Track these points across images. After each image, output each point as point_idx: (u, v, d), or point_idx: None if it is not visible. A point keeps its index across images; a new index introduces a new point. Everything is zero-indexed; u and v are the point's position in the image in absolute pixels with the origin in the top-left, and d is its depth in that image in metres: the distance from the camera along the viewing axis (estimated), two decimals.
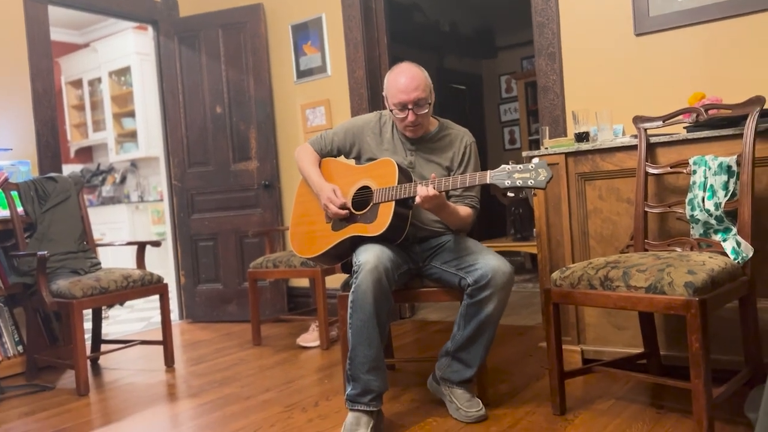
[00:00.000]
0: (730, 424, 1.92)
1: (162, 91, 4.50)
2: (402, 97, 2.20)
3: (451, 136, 2.37)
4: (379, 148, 2.37)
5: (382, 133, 2.39)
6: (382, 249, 2.08)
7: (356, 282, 2.03)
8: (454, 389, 2.20)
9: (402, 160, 2.30)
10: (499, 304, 2.09)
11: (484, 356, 2.18)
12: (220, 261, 4.37)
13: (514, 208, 5.13)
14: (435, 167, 2.32)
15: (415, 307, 4.19)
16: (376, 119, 2.42)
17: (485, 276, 2.06)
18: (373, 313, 2.01)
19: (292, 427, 2.23)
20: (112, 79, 6.73)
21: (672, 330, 2.38)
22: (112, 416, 2.51)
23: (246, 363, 3.19)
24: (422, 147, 2.35)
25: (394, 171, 2.18)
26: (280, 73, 4.26)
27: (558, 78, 3.00)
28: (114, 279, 2.98)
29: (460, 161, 2.34)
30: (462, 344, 2.16)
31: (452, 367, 2.21)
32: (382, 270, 2.02)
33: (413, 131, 2.28)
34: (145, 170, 6.93)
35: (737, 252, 2.00)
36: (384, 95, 2.32)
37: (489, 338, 2.15)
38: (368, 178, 2.27)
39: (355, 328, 2.03)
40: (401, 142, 2.36)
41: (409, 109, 2.21)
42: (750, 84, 2.47)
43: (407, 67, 2.26)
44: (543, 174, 1.90)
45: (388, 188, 2.16)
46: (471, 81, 7.53)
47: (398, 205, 2.15)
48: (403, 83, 2.20)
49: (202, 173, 4.38)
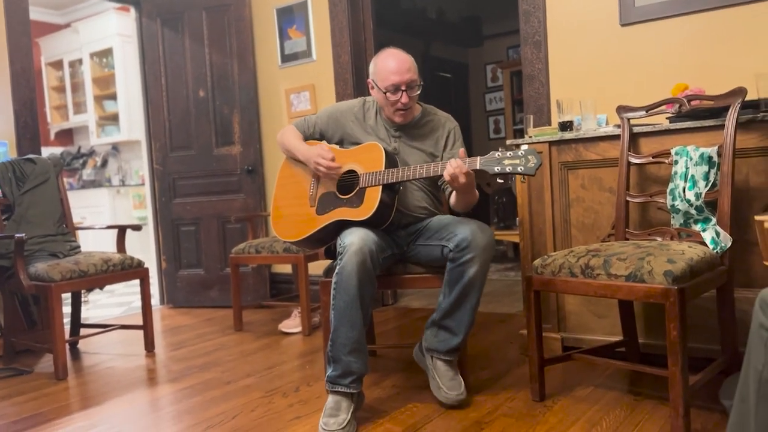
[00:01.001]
0: (706, 411, 1.95)
1: (144, 73, 4.44)
2: (395, 78, 2.20)
3: (434, 122, 2.37)
4: (363, 134, 2.36)
5: (365, 119, 2.38)
6: (368, 232, 2.08)
7: (341, 263, 2.02)
8: (439, 362, 2.19)
9: (386, 146, 2.29)
10: (482, 266, 2.09)
11: (470, 323, 2.16)
12: (202, 246, 4.34)
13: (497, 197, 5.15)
14: (419, 153, 2.32)
15: (397, 294, 4.20)
16: (360, 105, 2.41)
17: (465, 239, 2.07)
18: (356, 294, 2.00)
19: (272, 411, 2.22)
20: (93, 60, 6.62)
21: (650, 319, 2.41)
22: (91, 400, 2.49)
23: (227, 348, 3.18)
24: (406, 133, 2.35)
25: (381, 156, 2.17)
26: (264, 57, 4.22)
27: (543, 67, 2.99)
28: (93, 263, 2.95)
29: (445, 145, 2.34)
30: (447, 310, 2.16)
31: (439, 336, 2.21)
32: (367, 252, 2.01)
33: (404, 115, 2.27)
34: (127, 154, 6.85)
35: (716, 242, 2.02)
36: (370, 80, 2.31)
37: (474, 303, 2.14)
38: (354, 162, 2.26)
39: (338, 310, 2.03)
40: (385, 128, 2.35)
41: (403, 90, 2.21)
42: (732, 75, 2.49)
43: (395, 50, 2.27)
44: (533, 161, 1.90)
45: (377, 173, 2.15)
46: (457, 69, 7.52)
47: (385, 190, 2.15)
48: (395, 65, 2.21)
49: (185, 157, 4.34)
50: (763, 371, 0.98)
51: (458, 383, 2.17)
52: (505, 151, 1.95)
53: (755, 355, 1.01)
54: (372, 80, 2.31)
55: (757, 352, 1.00)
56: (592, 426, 1.91)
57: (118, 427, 2.18)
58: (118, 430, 2.16)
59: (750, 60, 2.51)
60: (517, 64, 6.07)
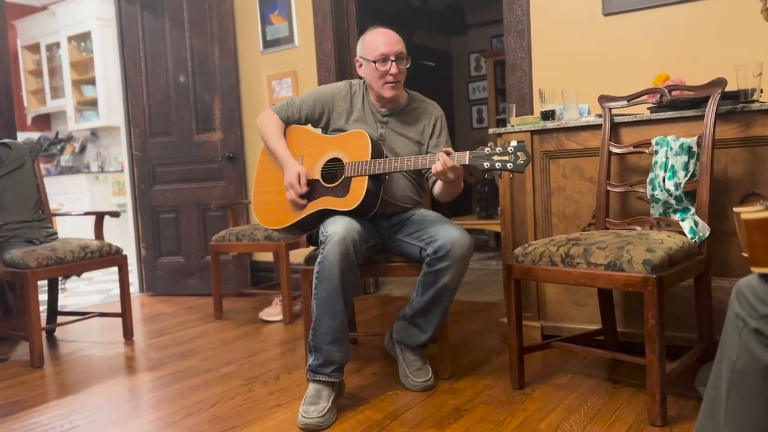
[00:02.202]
0: (682, 398, 1.97)
1: (123, 58, 4.37)
2: (385, 48, 2.21)
3: (420, 109, 2.37)
4: (349, 119, 2.34)
5: (352, 103, 2.36)
6: (351, 222, 2.07)
7: (323, 253, 2.01)
8: (407, 353, 2.24)
9: (372, 132, 2.28)
10: (456, 275, 2.11)
11: (440, 323, 2.21)
12: (182, 234, 4.30)
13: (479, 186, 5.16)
14: (406, 141, 2.31)
15: (379, 282, 4.20)
16: (347, 88, 2.38)
17: (444, 247, 2.07)
18: (339, 284, 2.00)
19: (252, 399, 2.22)
20: (71, 44, 6.50)
21: (629, 307, 2.43)
22: (68, 388, 2.46)
23: (207, 336, 3.15)
24: (393, 119, 2.34)
25: (367, 144, 2.16)
26: (245, 42, 4.17)
27: (526, 56, 2.99)
28: (71, 249, 2.90)
29: (431, 133, 2.34)
30: (419, 310, 2.19)
31: (408, 331, 2.24)
32: (350, 242, 2.00)
33: (394, 87, 2.25)
34: (106, 140, 6.75)
35: (695, 231, 2.04)
36: (358, 58, 2.29)
37: (445, 307, 2.17)
38: (339, 149, 2.24)
39: (320, 299, 2.02)
40: (372, 113, 2.34)
41: (392, 60, 2.21)
42: (713, 66, 2.50)
43: (383, 28, 2.29)
44: (522, 158, 1.91)
45: (363, 162, 2.13)
46: (440, 58, 7.50)
47: (371, 181, 2.13)
48: (384, 38, 2.23)
49: (164, 144, 4.29)
50: (737, 361, 0.99)
51: (425, 371, 2.20)
52: (495, 147, 1.95)
53: (729, 345, 1.02)
54: (360, 57, 2.29)
55: (731, 342, 1.01)
56: (570, 413, 1.93)
57: (95, 416, 2.16)
58: (95, 418, 2.14)
59: (730, 50, 2.53)
60: (501, 54, 6.06)
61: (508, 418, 1.92)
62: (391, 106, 2.33)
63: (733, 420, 1.00)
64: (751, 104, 2.11)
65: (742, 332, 0.99)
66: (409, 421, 1.95)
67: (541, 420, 1.89)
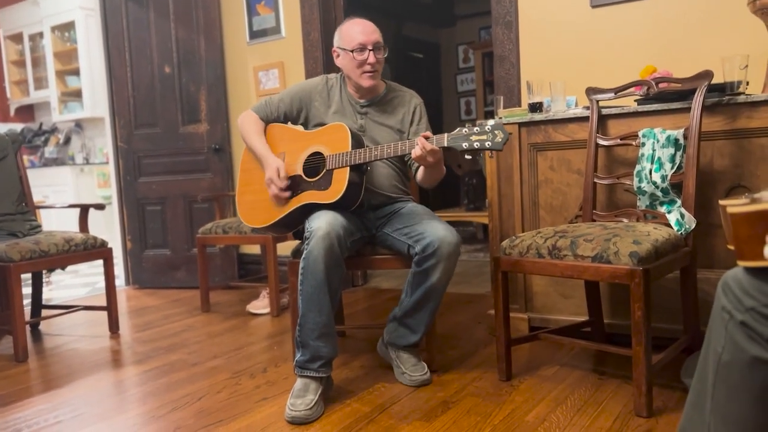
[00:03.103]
0: (668, 389, 1.98)
1: (107, 48, 4.31)
2: (362, 38, 2.21)
3: (399, 98, 2.36)
4: (328, 112, 2.33)
5: (330, 96, 2.35)
6: (335, 216, 2.05)
7: (308, 248, 2.00)
8: (401, 353, 2.24)
9: (352, 124, 2.27)
10: (445, 273, 2.10)
11: (429, 323, 2.21)
12: (168, 226, 4.27)
13: (467, 179, 5.16)
14: (386, 130, 2.30)
15: (367, 275, 4.19)
16: (323, 83, 2.38)
17: (432, 245, 2.06)
18: (324, 279, 1.99)
19: (239, 393, 2.20)
20: (54, 34, 6.41)
21: (616, 299, 2.44)
22: (53, 383, 2.44)
23: (194, 330, 3.14)
24: (372, 109, 2.33)
25: (347, 136, 2.14)
26: (232, 33, 4.13)
27: (514, 47, 2.98)
28: (55, 242, 2.87)
29: (411, 121, 2.33)
30: (408, 310, 2.18)
31: (398, 332, 2.23)
32: (334, 237, 1.99)
33: (372, 76, 2.24)
34: (91, 131, 6.68)
35: (681, 223, 2.04)
36: (335, 49, 2.29)
37: (434, 306, 2.17)
38: (319, 143, 2.22)
39: (306, 295, 2.01)
40: (351, 105, 2.33)
41: (370, 50, 2.20)
42: (700, 58, 2.51)
43: (359, 18, 2.28)
44: (500, 135, 1.89)
45: (344, 154, 2.12)
46: (429, 50, 7.47)
47: (353, 171, 2.12)
48: (361, 27, 2.23)
49: (150, 135, 4.24)
50: (723, 353, 1.00)
51: (421, 366, 2.20)
52: (473, 127, 1.94)
53: (715, 337, 1.02)
54: (337, 48, 2.28)
55: (717, 335, 1.01)
56: (557, 405, 1.93)
57: (79, 410, 2.14)
58: (80, 413, 2.12)
59: (717, 43, 2.54)
60: (489, 45, 6.06)
61: (495, 410, 1.92)
62: (370, 96, 2.33)
63: (719, 412, 1.01)
64: (737, 96, 2.12)
65: (728, 325, 0.99)
66: (397, 413, 1.94)
67: (528, 412, 1.89)
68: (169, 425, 1.97)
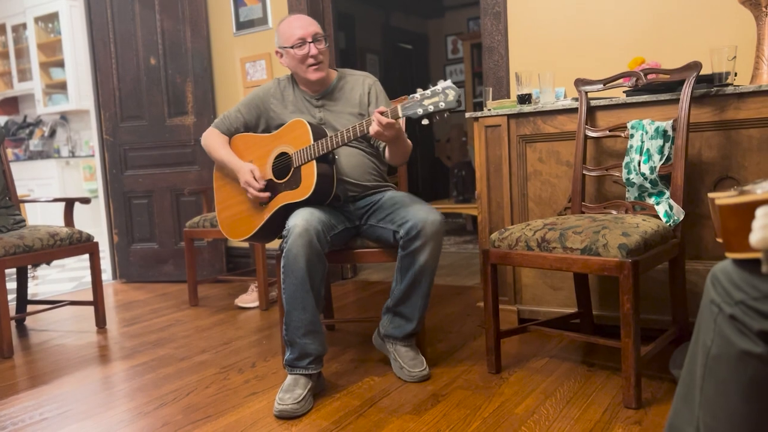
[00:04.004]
0: (656, 380, 1.99)
1: (92, 39, 4.25)
2: (300, 32, 2.20)
3: (352, 82, 2.35)
4: (285, 113, 2.32)
5: (284, 97, 2.34)
6: (312, 212, 2.04)
7: (286, 247, 1.99)
8: (398, 346, 2.21)
9: (311, 119, 2.26)
10: (432, 253, 2.09)
11: (423, 308, 2.18)
12: (155, 219, 4.23)
13: (456, 170, 5.15)
14: (346, 117, 2.29)
15: (357, 267, 4.18)
16: (275, 85, 2.38)
17: (416, 227, 2.05)
18: (305, 277, 1.97)
19: (227, 388, 2.19)
20: (38, 25, 6.32)
21: (605, 291, 2.44)
22: (38, 379, 2.41)
23: (182, 324, 3.11)
24: (327, 100, 2.32)
25: (307, 130, 2.13)
26: (218, 24, 4.08)
27: (503, 38, 2.97)
28: (39, 237, 2.83)
29: (368, 102, 2.32)
30: (400, 298, 2.16)
31: (394, 323, 2.21)
32: (312, 233, 1.98)
33: (318, 69, 2.23)
34: (77, 124, 6.60)
35: (669, 215, 2.04)
36: (277, 50, 2.29)
37: (426, 289, 2.15)
38: (283, 143, 2.21)
39: (289, 293, 2.00)
40: (306, 101, 2.32)
41: (310, 42, 2.20)
42: (688, 49, 2.51)
43: (296, 14, 2.30)
44: (451, 94, 1.88)
45: (307, 148, 2.11)
46: (417, 40, 7.44)
47: (320, 163, 2.11)
48: (298, 22, 2.23)
49: (136, 128, 4.19)
50: (712, 347, 0.99)
51: (420, 361, 2.18)
52: (424, 91, 1.92)
53: (704, 331, 1.01)
54: (278, 48, 2.28)
55: (706, 328, 1.01)
56: (546, 397, 1.93)
57: (66, 407, 2.12)
58: (66, 409, 2.10)
59: (705, 34, 2.53)
60: (478, 36, 6.03)
61: (485, 403, 1.92)
62: (322, 88, 2.31)
63: (709, 406, 1.00)
64: (725, 88, 2.11)
65: (717, 318, 0.99)
66: (387, 407, 1.94)
67: (517, 404, 1.89)
68: (156, 421, 1.95)
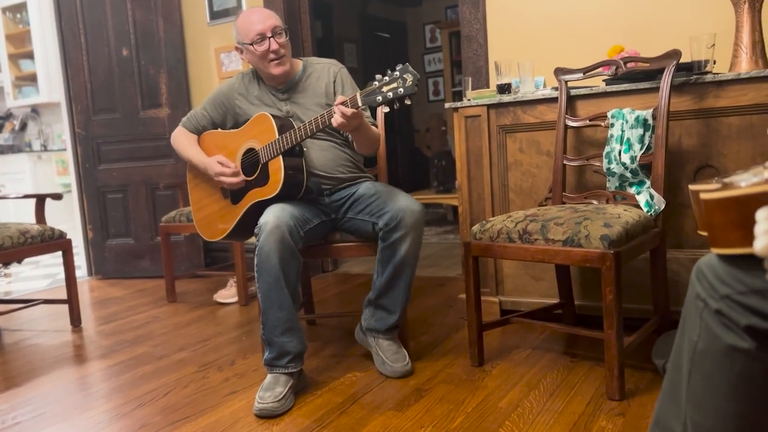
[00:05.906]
0: (639, 370, 1.99)
1: (61, 30, 4.14)
2: (258, 27, 2.14)
3: (317, 71, 2.29)
4: (252, 108, 2.26)
5: (249, 92, 2.29)
6: (283, 207, 2.00)
7: (258, 245, 1.95)
8: (380, 340, 2.18)
9: (278, 112, 2.21)
10: (413, 243, 2.06)
11: (405, 301, 2.16)
12: (131, 214, 4.15)
13: (436, 160, 5.13)
14: (314, 107, 2.23)
15: (337, 260, 4.15)
16: (239, 80, 2.32)
17: (395, 218, 2.03)
18: (279, 275, 1.93)
19: (207, 387, 2.15)
20: (6, 15, 6.14)
21: (586, 280, 2.44)
22: (11, 381, 2.35)
23: (159, 321, 3.06)
24: (293, 92, 2.27)
25: (271, 124, 2.09)
26: (191, 13, 3.99)
27: (482, 27, 2.93)
28: (9, 235, 2.75)
29: (335, 90, 2.27)
30: (382, 290, 2.13)
31: (375, 316, 2.18)
32: (284, 228, 1.94)
33: (280, 63, 2.18)
34: (48, 117, 6.45)
35: (650, 205, 2.04)
36: (237, 46, 2.22)
37: (407, 281, 2.12)
38: (249, 139, 2.17)
39: (264, 292, 1.96)
40: (271, 95, 2.27)
41: (269, 37, 2.14)
42: (667, 37, 2.50)
43: (253, 8, 2.24)
44: (409, 79, 1.84)
45: (273, 142, 2.07)
46: (395, 29, 7.38)
47: (287, 157, 2.06)
48: (256, 16, 2.17)
49: (109, 121, 4.10)
50: (698, 342, 0.98)
51: (402, 356, 2.15)
52: (382, 77, 1.89)
53: (690, 326, 1.00)
54: (238, 44, 2.22)
55: (692, 323, 0.99)
56: (530, 390, 1.92)
57: (40, 409, 2.06)
58: (40, 412, 2.04)
59: (684, 22, 2.52)
60: (456, 25, 5.99)
61: (468, 397, 1.90)
62: (286, 81, 2.26)
63: (695, 401, 0.99)
64: (704, 76, 2.11)
65: (703, 313, 0.97)
66: (369, 403, 1.91)
67: (501, 398, 1.88)
68: (134, 423, 1.90)
